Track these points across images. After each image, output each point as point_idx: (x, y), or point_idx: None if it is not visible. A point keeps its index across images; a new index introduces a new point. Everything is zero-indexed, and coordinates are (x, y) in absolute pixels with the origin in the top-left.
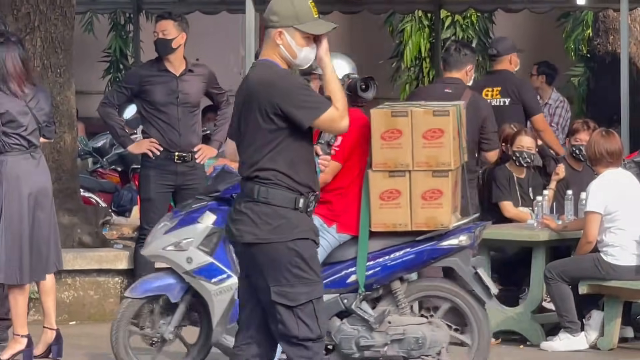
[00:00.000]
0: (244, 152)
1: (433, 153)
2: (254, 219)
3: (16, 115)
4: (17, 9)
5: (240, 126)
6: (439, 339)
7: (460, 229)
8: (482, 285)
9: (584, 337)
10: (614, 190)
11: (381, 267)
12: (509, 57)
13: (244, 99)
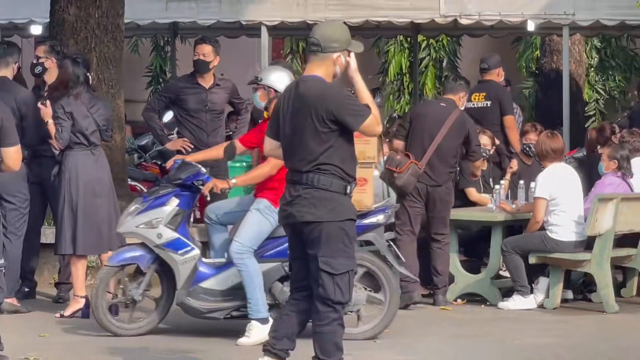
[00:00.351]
0: (300, 150)
1: (361, 149)
2: (314, 202)
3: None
4: (77, 34)
5: (286, 129)
6: (360, 298)
7: (378, 210)
8: (394, 254)
9: (533, 299)
10: (557, 180)
11: None
12: (497, 71)
13: (295, 108)
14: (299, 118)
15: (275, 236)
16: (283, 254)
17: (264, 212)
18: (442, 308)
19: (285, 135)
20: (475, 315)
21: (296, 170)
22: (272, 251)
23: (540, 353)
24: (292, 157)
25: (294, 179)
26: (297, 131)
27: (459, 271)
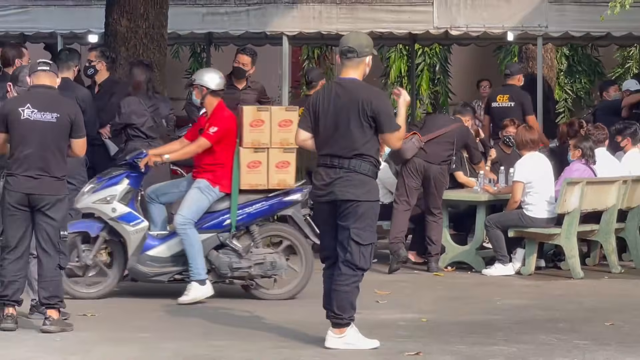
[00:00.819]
0: (343, 140)
1: (285, 136)
2: (355, 184)
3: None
4: (128, 42)
5: (327, 122)
6: (283, 264)
7: (296, 189)
8: (310, 227)
9: (511, 266)
10: (532, 167)
11: (246, 214)
12: (518, 77)
13: (338, 105)
14: (343, 113)
15: (212, 211)
16: (218, 225)
17: (204, 190)
18: (435, 274)
19: (326, 127)
20: (463, 280)
21: (337, 156)
22: (209, 223)
23: (518, 312)
24: (333, 145)
25: (333, 163)
26: (341, 124)
27: (449, 243)
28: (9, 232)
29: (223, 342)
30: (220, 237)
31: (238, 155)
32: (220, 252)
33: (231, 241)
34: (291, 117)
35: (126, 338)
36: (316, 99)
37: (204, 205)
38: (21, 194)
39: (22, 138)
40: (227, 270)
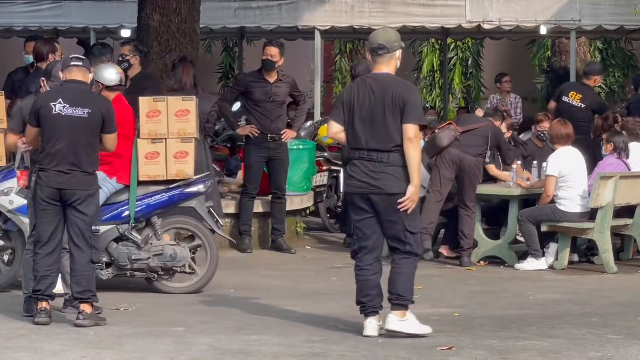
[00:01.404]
0: (380, 132)
1: (182, 126)
2: (397, 177)
3: None
4: (160, 37)
5: (363, 115)
6: (185, 256)
7: (199, 180)
8: (213, 219)
9: (544, 261)
10: (565, 161)
11: (145, 205)
12: (595, 78)
13: (374, 98)
14: (379, 107)
15: (110, 202)
16: (117, 217)
17: (100, 182)
18: (467, 268)
19: (362, 121)
20: (495, 275)
21: (376, 150)
22: (109, 215)
23: (551, 306)
24: (370, 139)
25: (371, 157)
26: (377, 117)
27: (482, 237)
28: (41, 227)
29: (256, 336)
30: (120, 229)
31: (136, 146)
32: (120, 244)
33: (130, 233)
34: (188, 106)
35: (159, 332)
36: (350, 94)
37: (101, 197)
38: (52, 189)
39: (54, 133)
40: (127, 262)
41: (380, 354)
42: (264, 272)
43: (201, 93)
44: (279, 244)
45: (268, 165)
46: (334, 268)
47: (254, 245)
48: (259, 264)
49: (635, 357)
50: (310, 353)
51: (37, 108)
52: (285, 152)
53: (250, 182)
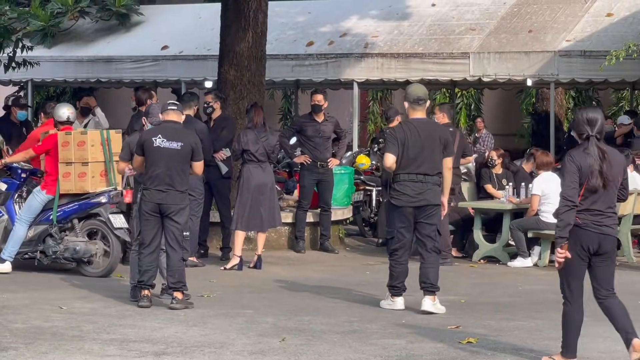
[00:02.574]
0: (428, 161)
1: (81, 154)
2: (438, 193)
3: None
4: (235, 87)
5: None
6: (89, 250)
7: (102, 193)
8: (113, 224)
9: (530, 260)
10: (547, 182)
11: (63, 212)
12: None
13: (423, 137)
14: (428, 142)
15: (47, 209)
16: (48, 220)
17: (34, 194)
18: (470, 265)
19: (416, 152)
20: (492, 270)
21: (423, 174)
22: (43, 218)
23: (535, 295)
24: (420, 165)
25: (419, 179)
26: (426, 150)
27: (482, 241)
28: (145, 233)
29: (308, 317)
30: (50, 229)
31: (60, 167)
32: (49, 240)
33: (55, 231)
34: (84, 139)
35: (234, 313)
36: (403, 133)
37: (34, 205)
38: (153, 204)
39: (154, 160)
40: (50, 253)
41: (404, 332)
42: (314, 268)
43: (268, 130)
44: (325, 246)
45: (318, 186)
46: (367, 265)
47: (307, 247)
48: (310, 261)
49: (601, 335)
50: (350, 330)
51: (142, 141)
52: (331, 176)
53: (304, 199)
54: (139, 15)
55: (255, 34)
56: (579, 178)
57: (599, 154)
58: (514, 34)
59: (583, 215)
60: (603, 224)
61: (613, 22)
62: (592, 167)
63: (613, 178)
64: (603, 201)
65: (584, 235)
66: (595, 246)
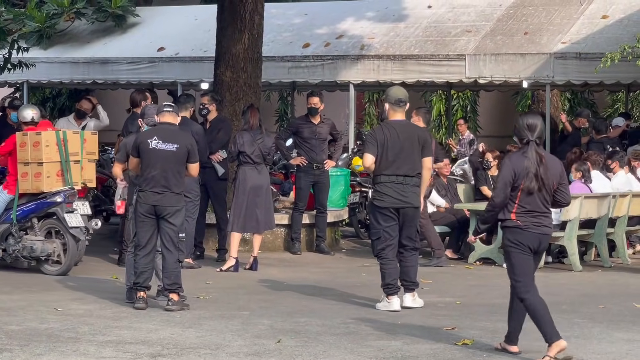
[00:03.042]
0: (408, 163)
1: (36, 154)
2: (418, 195)
3: (246, 145)
4: (231, 89)
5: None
6: (45, 249)
7: (59, 192)
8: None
9: None
10: None
11: (22, 211)
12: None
13: (403, 138)
14: (407, 144)
15: (9, 208)
16: (8, 219)
17: None
18: (466, 267)
19: (395, 153)
20: (488, 272)
21: (404, 175)
22: (5, 217)
23: None
24: (400, 167)
25: (399, 181)
26: (406, 151)
27: (478, 243)
28: (140, 234)
29: (304, 318)
30: (11, 228)
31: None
32: (10, 239)
33: (15, 230)
34: (39, 139)
35: (230, 315)
36: (382, 135)
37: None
38: (149, 205)
39: (150, 162)
40: (10, 251)
41: (399, 333)
42: (310, 270)
43: (264, 132)
44: (321, 248)
45: (314, 187)
46: (363, 266)
47: (303, 249)
48: (306, 263)
49: (596, 337)
50: (346, 332)
51: (138, 143)
52: (327, 177)
53: (300, 200)
54: (135, 17)
55: (251, 35)
56: (514, 181)
57: (537, 158)
58: (510, 35)
59: (523, 217)
60: (542, 224)
61: (608, 24)
62: (529, 170)
63: (548, 181)
64: (541, 203)
65: (526, 235)
66: (537, 245)
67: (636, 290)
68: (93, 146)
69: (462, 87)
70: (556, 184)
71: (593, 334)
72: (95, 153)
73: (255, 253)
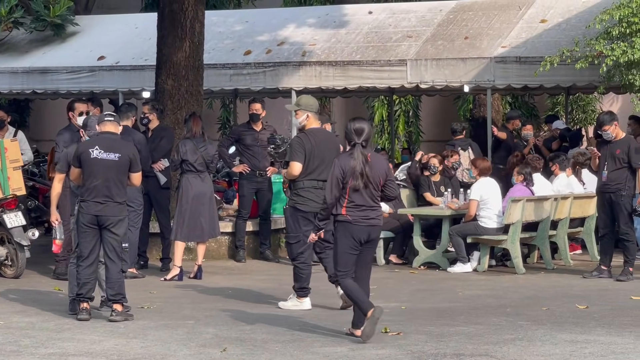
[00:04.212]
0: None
1: None
2: None
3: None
4: (173, 97)
5: (319, 156)
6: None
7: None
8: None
9: (469, 265)
10: (485, 188)
11: None
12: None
13: (323, 144)
14: (327, 151)
15: None
16: None
17: None
18: (411, 272)
19: (318, 160)
20: (432, 276)
21: (325, 180)
22: None
23: (475, 300)
24: (321, 173)
25: (320, 186)
26: (327, 158)
27: (422, 247)
28: (83, 245)
29: (249, 326)
30: None
31: None
32: None
33: None
34: None
35: (175, 324)
36: (309, 142)
37: None
38: (91, 215)
39: (92, 172)
40: None
41: (345, 339)
42: (254, 277)
43: (207, 140)
44: (265, 255)
45: (257, 195)
46: None
47: (247, 256)
48: (251, 270)
49: (539, 339)
50: (291, 339)
51: (79, 153)
52: (270, 185)
53: (244, 208)
54: (74, 26)
55: (192, 43)
56: (343, 179)
57: (362, 159)
58: (451, 40)
59: (352, 211)
60: (370, 217)
61: (547, 29)
62: (355, 169)
63: (374, 179)
64: (368, 198)
65: (355, 229)
66: (366, 236)
67: (579, 291)
68: (15, 153)
69: (404, 92)
70: (383, 181)
71: (537, 336)
72: (19, 160)
73: (200, 261)
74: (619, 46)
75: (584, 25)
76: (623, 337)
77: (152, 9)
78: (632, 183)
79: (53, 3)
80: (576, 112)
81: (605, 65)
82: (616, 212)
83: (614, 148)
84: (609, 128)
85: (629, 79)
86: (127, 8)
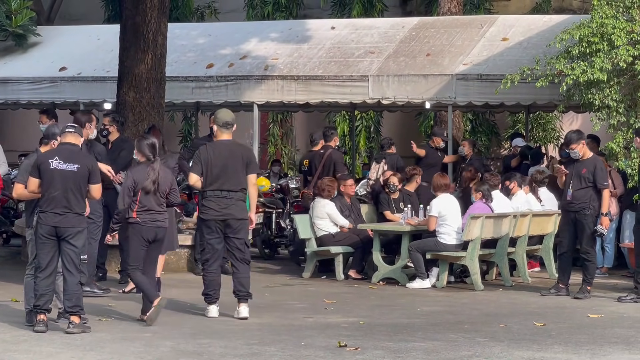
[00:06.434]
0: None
1: None
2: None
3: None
4: (134, 109)
5: (218, 167)
6: None
7: None
8: None
9: (428, 281)
10: (444, 204)
11: None
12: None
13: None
14: (231, 162)
15: None
16: None
17: None
18: (370, 287)
19: (220, 170)
20: (391, 292)
21: (229, 190)
22: None
23: (433, 316)
24: (225, 183)
25: (224, 195)
26: (230, 168)
27: (381, 263)
28: (41, 256)
29: (207, 340)
30: None
31: None
32: None
33: None
34: None
35: (132, 337)
36: (207, 154)
37: None
38: (50, 227)
39: (51, 183)
40: None
41: (303, 354)
42: None
43: (167, 152)
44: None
45: None
46: (267, 287)
47: None
48: None
49: (496, 355)
50: (249, 353)
51: (38, 164)
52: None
53: None
54: (36, 36)
55: (154, 56)
56: (135, 187)
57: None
58: (413, 57)
59: (142, 215)
60: (157, 219)
61: (508, 47)
62: (147, 179)
63: (162, 187)
64: (155, 203)
65: (143, 229)
66: (153, 236)
67: (536, 309)
68: None
69: (365, 107)
70: (168, 189)
71: (494, 352)
72: None
73: (158, 274)
74: (579, 65)
75: (545, 44)
76: (580, 354)
77: (115, 20)
78: (597, 203)
79: (15, 13)
80: (536, 130)
81: (565, 84)
82: (579, 231)
83: (580, 167)
84: (576, 147)
85: (589, 98)
86: (89, 19)
